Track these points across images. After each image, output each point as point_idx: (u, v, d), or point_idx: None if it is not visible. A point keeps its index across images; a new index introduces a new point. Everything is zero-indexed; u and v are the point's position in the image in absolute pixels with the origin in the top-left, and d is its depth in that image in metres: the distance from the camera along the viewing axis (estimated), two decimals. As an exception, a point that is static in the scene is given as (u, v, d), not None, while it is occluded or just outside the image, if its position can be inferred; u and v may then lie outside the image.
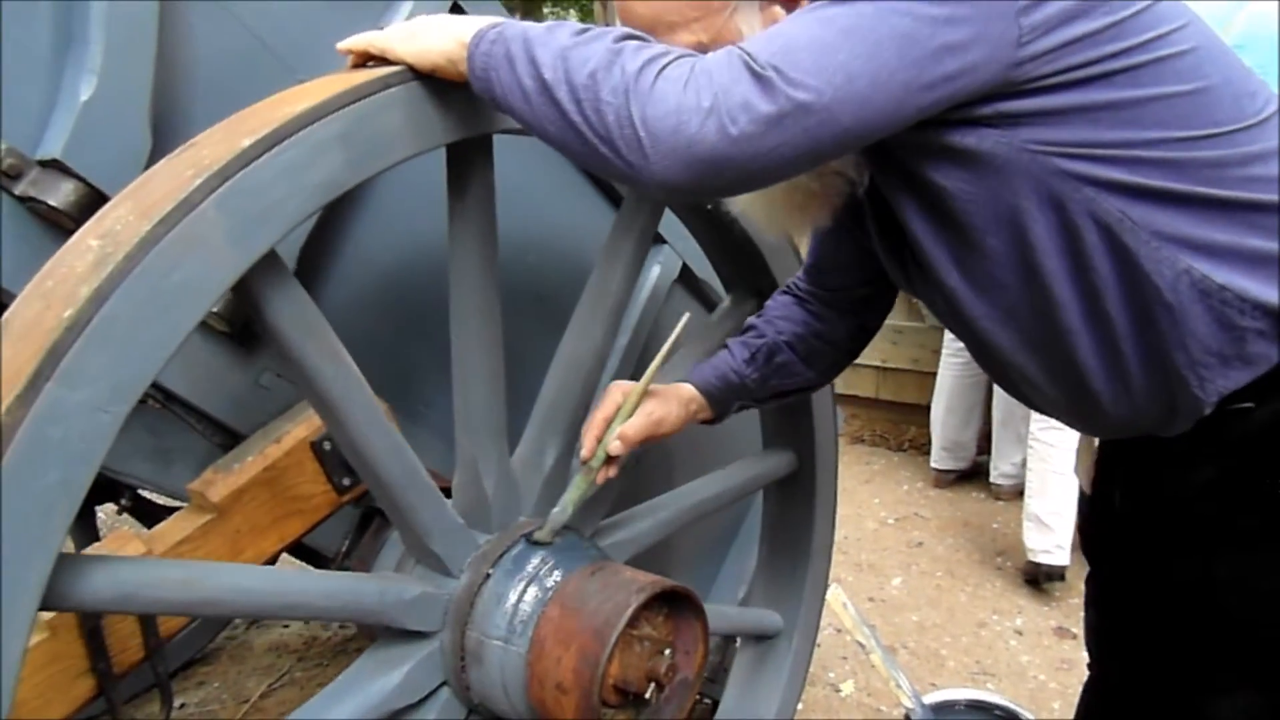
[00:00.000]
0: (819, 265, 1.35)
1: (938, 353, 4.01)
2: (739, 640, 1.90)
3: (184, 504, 1.90)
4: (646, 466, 1.61)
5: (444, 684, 1.17)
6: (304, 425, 1.25)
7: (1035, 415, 2.88)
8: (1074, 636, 2.65)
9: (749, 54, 0.83)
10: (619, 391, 1.19)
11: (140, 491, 2.27)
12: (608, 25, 0.91)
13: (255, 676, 2.50)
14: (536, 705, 1.12)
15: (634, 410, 1.17)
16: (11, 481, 0.70)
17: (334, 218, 1.29)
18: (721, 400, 1.32)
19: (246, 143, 0.83)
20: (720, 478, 1.56)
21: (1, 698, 0.72)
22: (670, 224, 1.73)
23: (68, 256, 0.79)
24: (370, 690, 1.10)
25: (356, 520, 1.44)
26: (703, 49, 0.92)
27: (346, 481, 1.29)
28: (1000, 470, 3.57)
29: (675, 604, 1.18)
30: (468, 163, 1.07)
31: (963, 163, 0.92)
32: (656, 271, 1.76)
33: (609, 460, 1.16)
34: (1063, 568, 2.84)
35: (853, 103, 0.82)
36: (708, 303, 1.85)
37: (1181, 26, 0.92)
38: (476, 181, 1.08)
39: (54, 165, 1.02)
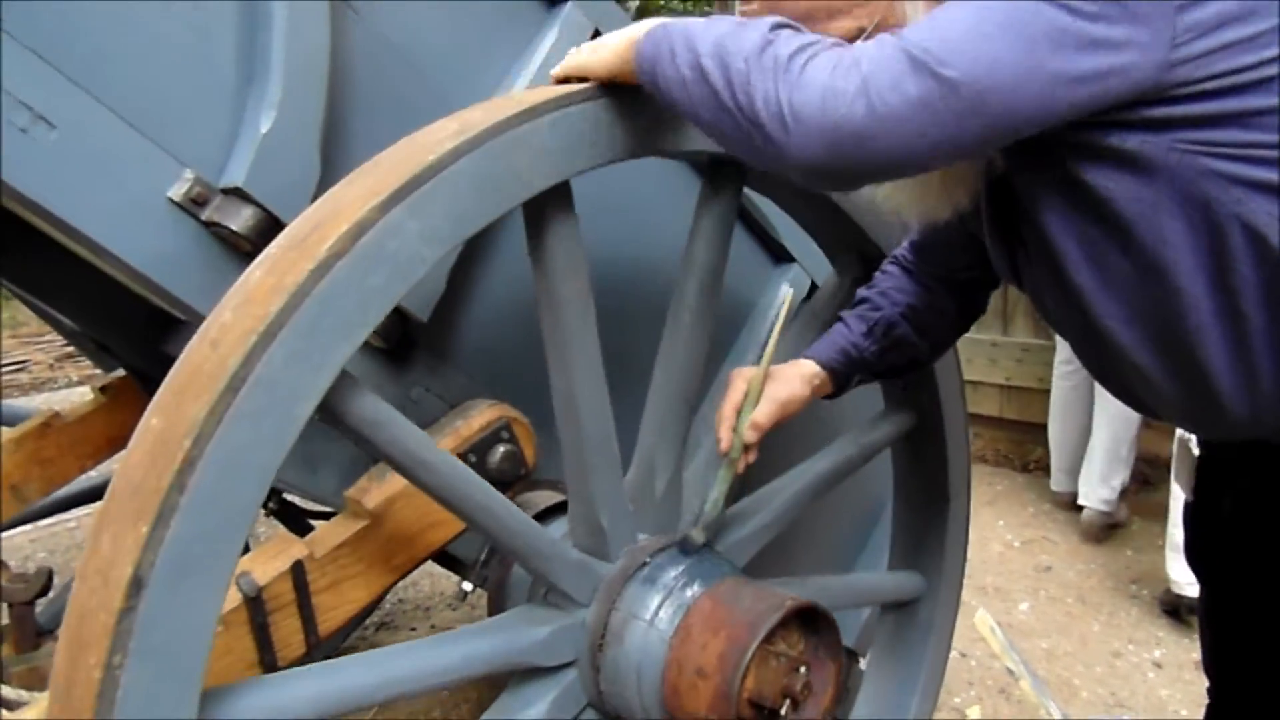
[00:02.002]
0: (924, 244, 1.35)
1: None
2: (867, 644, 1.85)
3: (323, 507, 2.00)
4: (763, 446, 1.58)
5: (589, 705, 1.20)
6: (450, 437, 1.30)
7: (1179, 440, 2.74)
8: (1218, 672, 2.51)
9: (904, 37, 0.84)
10: (741, 379, 1.22)
11: (285, 495, 2.41)
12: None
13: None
14: (671, 696, 1.12)
15: (759, 395, 1.20)
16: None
17: (480, 241, 1.35)
18: (843, 374, 1.33)
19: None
20: (836, 449, 1.52)
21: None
22: (798, 241, 1.73)
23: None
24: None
25: (495, 529, 1.49)
26: (862, 34, 0.94)
27: (490, 491, 1.33)
28: (1100, 496, 3.26)
29: (816, 629, 1.19)
30: (542, 208, 1.06)
31: (1109, 161, 0.91)
32: (785, 291, 1.77)
33: (746, 448, 1.19)
34: None
35: (1003, 90, 0.82)
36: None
37: None
38: (555, 225, 1.07)
39: (236, 193, 1.10)
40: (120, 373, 2.05)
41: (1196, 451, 1.31)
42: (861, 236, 1.49)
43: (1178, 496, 2.71)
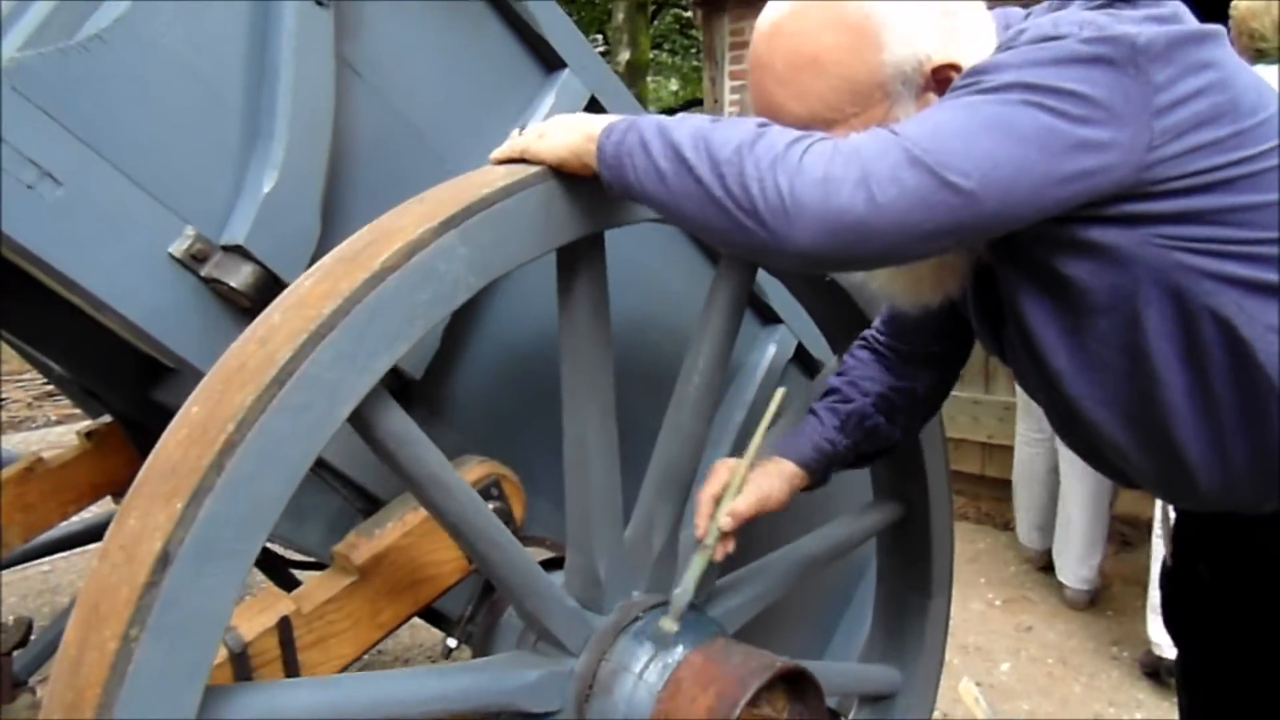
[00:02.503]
0: (899, 320, 1.35)
1: (1044, 430, 3.91)
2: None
3: (305, 556, 1.99)
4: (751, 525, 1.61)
5: None
6: (441, 494, 1.31)
7: (1160, 505, 2.77)
8: (1199, 736, 2.51)
9: (898, 133, 0.86)
10: (725, 469, 1.21)
11: (267, 545, 2.40)
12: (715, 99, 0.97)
13: None
14: None
15: (741, 485, 1.19)
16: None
17: (473, 302, 1.37)
18: (820, 471, 1.33)
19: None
20: (827, 532, 1.54)
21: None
22: (786, 303, 1.77)
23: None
24: None
25: (480, 586, 1.49)
26: None
27: (476, 549, 1.34)
28: (1081, 576, 3.23)
29: (802, 695, 1.19)
30: (575, 256, 1.11)
31: (1086, 253, 0.94)
32: (772, 351, 1.80)
33: (723, 536, 1.18)
34: None
35: (997, 189, 0.85)
36: (822, 381, 1.86)
37: None
38: (585, 275, 1.12)
39: (236, 250, 1.12)
40: (106, 419, 2.05)
41: (1173, 515, 1.34)
42: (863, 321, 1.52)
43: (1159, 558, 2.72)
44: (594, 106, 1.45)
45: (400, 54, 1.28)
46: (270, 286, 1.14)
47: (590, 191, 1.04)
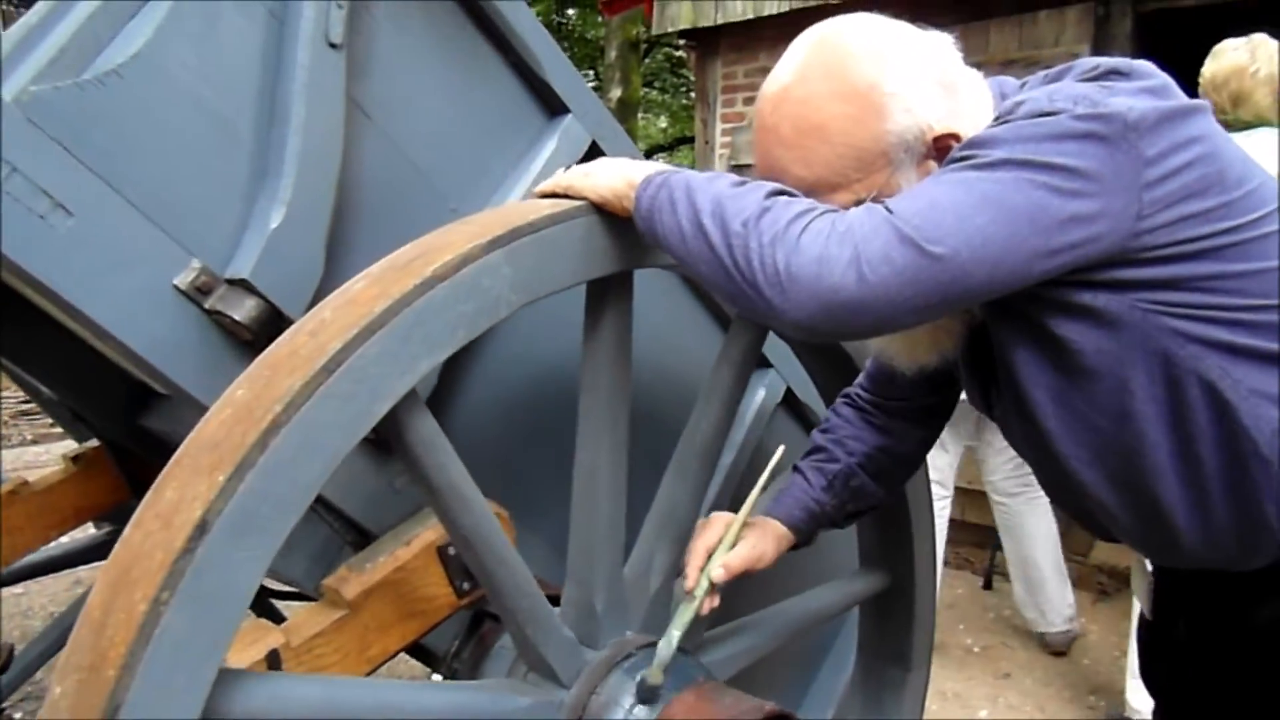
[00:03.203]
0: (885, 374, 1.37)
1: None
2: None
3: (287, 587, 1.99)
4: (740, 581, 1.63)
5: None
6: (432, 530, 1.32)
7: (1139, 564, 2.76)
8: (1174, 789, 2.52)
9: (892, 211, 0.90)
10: (721, 522, 1.23)
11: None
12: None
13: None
14: None
15: (735, 540, 1.21)
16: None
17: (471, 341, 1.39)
18: (807, 531, 1.35)
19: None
20: (820, 594, 1.57)
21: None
22: (775, 348, 1.79)
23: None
24: None
25: (467, 623, 1.49)
26: (859, 205, 0.99)
27: (466, 586, 1.34)
28: (1064, 616, 3.25)
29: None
30: (606, 290, 1.16)
31: (1077, 315, 0.98)
32: (761, 395, 1.82)
33: (711, 589, 1.20)
34: None
35: (986, 264, 0.88)
36: (809, 425, 1.89)
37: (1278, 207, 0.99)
38: (613, 309, 1.16)
39: (240, 284, 1.13)
40: (93, 443, 2.04)
41: (1150, 569, 1.36)
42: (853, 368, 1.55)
43: (1138, 613, 2.72)
44: (594, 150, 1.48)
45: (409, 96, 1.30)
46: (273, 321, 1.15)
47: (627, 231, 1.09)
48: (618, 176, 1.06)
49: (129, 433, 1.85)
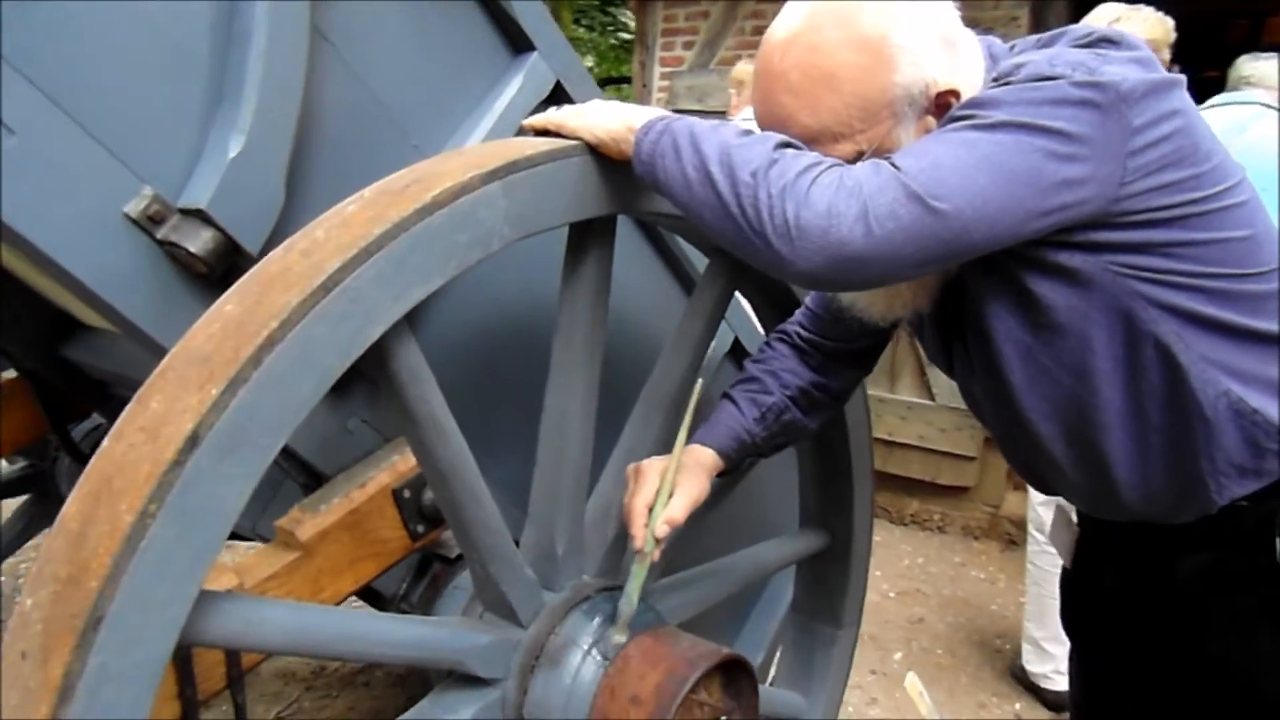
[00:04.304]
0: (821, 315, 1.40)
1: (945, 431, 4.08)
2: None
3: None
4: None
5: None
6: (386, 472, 1.30)
7: (1032, 537, 2.83)
8: (1073, 726, 2.68)
9: (898, 167, 0.91)
10: (654, 472, 1.21)
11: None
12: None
13: (263, 703, 2.51)
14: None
15: (672, 490, 1.20)
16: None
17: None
18: (737, 460, 1.36)
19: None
20: (765, 549, 1.61)
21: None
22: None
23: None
24: None
25: (414, 566, 1.48)
26: (859, 157, 1.01)
27: (420, 529, 1.34)
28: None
29: (737, 687, 1.23)
30: (589, 233, 1.14)
31: (1052, 275, 1.01)
32: (710, 345, 1.83)
33: (658, 544, 1.19)
34: (1063, 694, 2.70)
35: (985, 222, 0.91)
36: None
37: (1239, 181, 1.04)
38: (595, 253, 1.15)
39: (197, 215, 1.08)
40: (10, 374, 1.95)
41: (1075, 519, 1.43)
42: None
43: (1039, 581, 2.79)
44: (559, 90, 1.45)
45: (372, 25, 1.25)
46: (229, 254, 1.11)
47: (618, 175, 1.08)
48: (616, 119, 1.05)
49: (49, 364, 1.77)
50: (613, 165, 1.09)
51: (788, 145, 0.97)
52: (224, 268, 1.12)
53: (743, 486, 1.67)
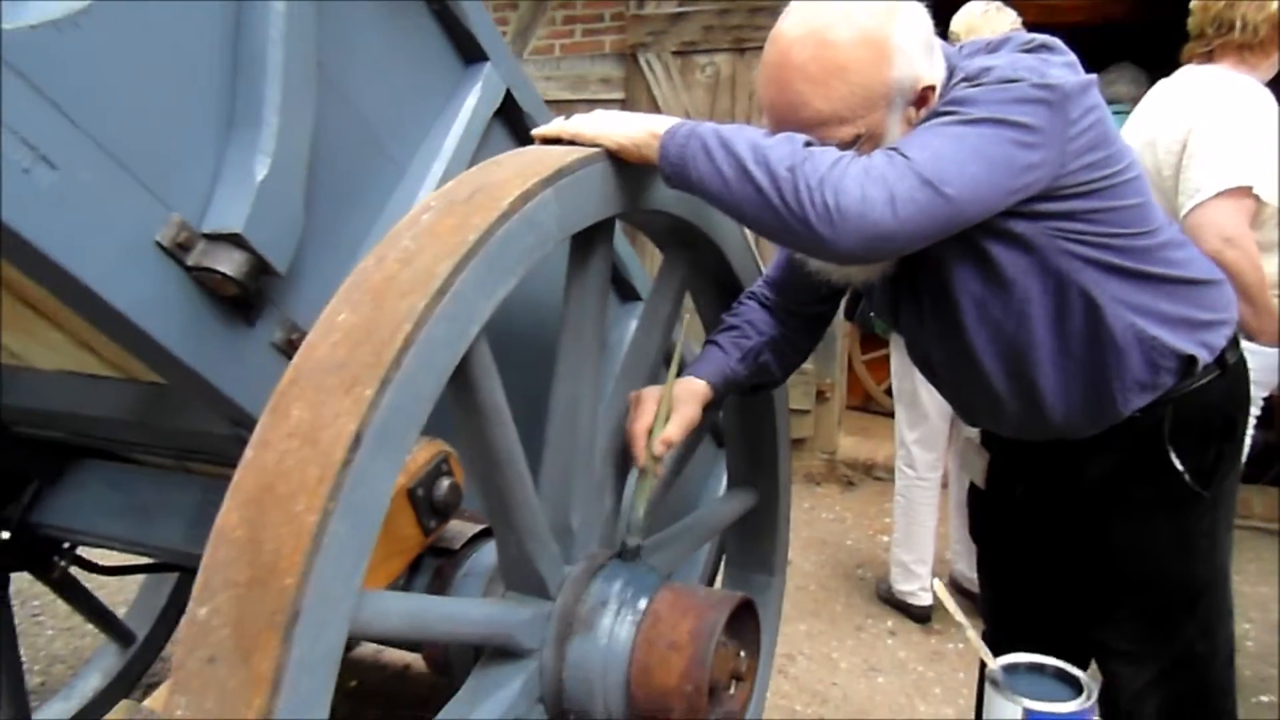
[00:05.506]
0: (786, 283, 1.56)
1: (809, 388, 4.36)
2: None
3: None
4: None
5: (540, 700, 1.30)
6: (401, 475, 1.35)
7: (900, 472, 3.09)
8: (939, 632, 3.06)
9: (910, 159, 1.08)
10: (651, 400, 1.35)
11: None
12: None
13: None
14: (639, 674, 1.24)
15: (669, 413, 1.35)
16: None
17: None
18: (722, 394, 1.50)
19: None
20: (719, 507, 1.78)
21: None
22: (646, 283, 1.95)
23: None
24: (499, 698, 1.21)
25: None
26: (857, 140, 1.18)
27: (433, 524, 1.39)
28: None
29: (743, 627, 1.38)
30: (596, 232, 1.23)
31: (1004, 239, 1.24)
32: (634, 327, 1.96)
33: (656, 461, 1.34)
34: (929, 608, 3.11)
35: (977, 201, 1.12)
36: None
37: (1132, 160, 1.31)
38: (600, 250, 1.25)
39: (229, 239, 1.10)
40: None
41: (979, 443, 1.69)
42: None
43: (907, 511, 3.09)
44: (508, 98, 1.53)
45: (352, 45, 1.29)
46: (258, 275, 1.13)
47: (629, 177, 1.19)
48: (638, 127, 1.16)
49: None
50: (624, 168, 1.19)
51: (810, 142, 1.11)
52: (254, 289, 1.14)
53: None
